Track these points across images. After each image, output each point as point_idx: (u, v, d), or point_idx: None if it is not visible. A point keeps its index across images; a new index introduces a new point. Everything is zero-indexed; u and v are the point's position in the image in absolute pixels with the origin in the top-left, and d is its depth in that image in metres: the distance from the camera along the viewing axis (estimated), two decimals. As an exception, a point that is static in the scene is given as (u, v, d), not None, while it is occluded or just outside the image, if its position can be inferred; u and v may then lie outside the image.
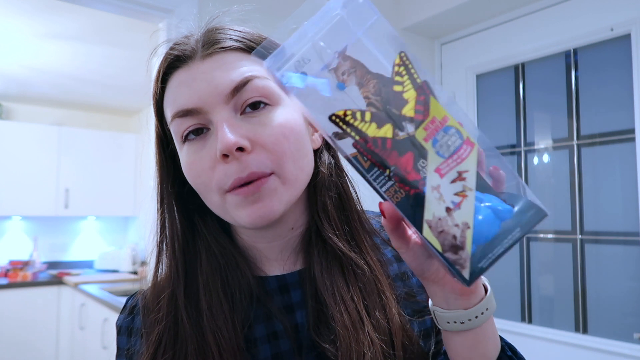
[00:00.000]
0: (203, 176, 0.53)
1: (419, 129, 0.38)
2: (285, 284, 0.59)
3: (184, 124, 0.53)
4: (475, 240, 0.39)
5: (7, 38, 3.03)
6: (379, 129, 0.38)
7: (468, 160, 0.38)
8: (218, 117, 0.52)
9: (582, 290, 1.84)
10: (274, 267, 0.60)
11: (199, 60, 0.54)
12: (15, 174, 4.08)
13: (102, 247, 4.79)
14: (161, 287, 0.59)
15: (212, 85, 0.52)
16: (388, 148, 0.39)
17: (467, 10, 2.06)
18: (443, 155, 0.38)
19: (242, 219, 0.52)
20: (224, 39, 0.55)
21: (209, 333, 0.54)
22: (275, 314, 0.56)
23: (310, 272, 0.58)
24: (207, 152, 0.52)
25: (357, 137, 0.39)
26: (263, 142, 0.51)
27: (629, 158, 1.75)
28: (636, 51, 1.71)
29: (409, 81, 0.37)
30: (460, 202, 0.38)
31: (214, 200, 0.54)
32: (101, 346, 3.22)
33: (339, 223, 0.59)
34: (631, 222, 1.73)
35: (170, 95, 0.55)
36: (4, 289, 3.79)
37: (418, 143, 0.38)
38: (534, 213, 0.39)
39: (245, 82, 0.52)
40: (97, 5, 1.93)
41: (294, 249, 0.60)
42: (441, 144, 0.38)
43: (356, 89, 0.38)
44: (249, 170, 0.50)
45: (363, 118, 0.38)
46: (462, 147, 0.38)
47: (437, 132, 0.38)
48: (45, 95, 4.35)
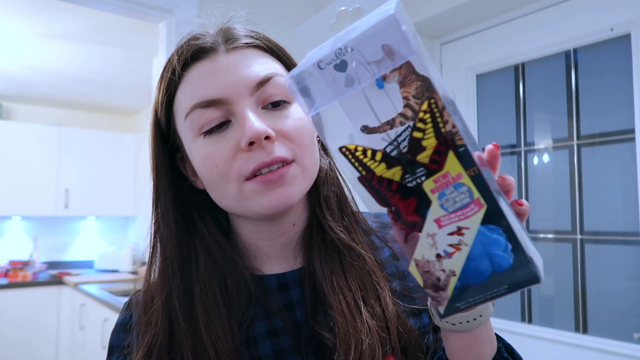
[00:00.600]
0: (221, 165, 0.53)
1: (428, 180, 0.36)
2: (285, 282, 0.59)
3: (204, 115, 0.53)
4: (461, 278, 0.38)
5: (7, 38, 3.03)
6: (387, 169, 0.37)
7: (472, 219, 0.36)
8: (243, 108, 0.53)
9: (582, 290, 1.84)
10: (273, 265, 0.61)
11: (222, 54, 0.55)
12: (15, 174, 4.08)
13: (102, 247, 4.79)
14: (155, 288, 0.58)
15: (237, 77, 0.53)
16: (392, 190, 0.38)
17: (467, 10, 2.05)
18: (447, 209, 0.37)
19: (261, 205, 0.53)
20: (245, 35, 0.57)
21: (206, 337, 0.53)
22: (275, 312, 0.57)
23: (309, 268, 0.58)
24: (227, 142, 0.53)
25: (364, 172, 0.38)
26: (285, 133, 0.53)
27: (629, 158, 1.75)
28: (636, 51, 1.71)
29: (432, 130, 0.35)
30: (452, 253, 0.38)
31: (229, 191, 0.54)
32: (101, 346, 3.22)
33: (338, 217, 0.61)
34: (631, 222, 1.73)
35: (188, 87, 0.55)
36: (4, 289, 3.79)
37: (424, 192, 0.37)
38: (527, 278, 0.37)
39: (269, 78, 0.54)
40: (97, 5, 1.94)
41: (293, 247, 0.61)
42: (448, 198, 0.36)
43: (396, 88, 0.36)
44: (274, 155, 0.52)
45: (374, 157, 0.37)
46: (469, 206, 0.36)
47: (446, 187, 0.36)
48: (45, 95, 4.35)
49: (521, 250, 0.37)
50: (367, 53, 0.36)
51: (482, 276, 0.38)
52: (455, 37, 2.29)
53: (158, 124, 0.60)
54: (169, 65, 0.57)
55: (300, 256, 0.61)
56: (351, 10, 0.40)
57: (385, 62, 0.35)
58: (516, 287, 0.38)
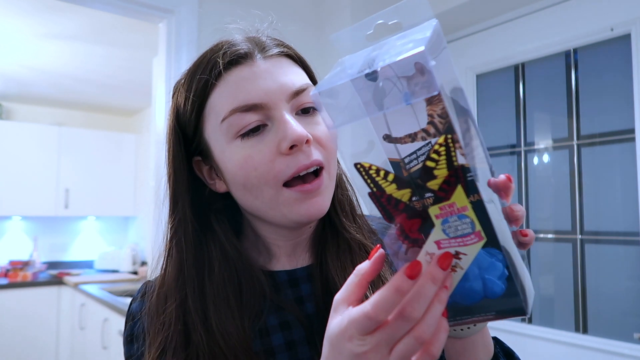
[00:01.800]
0: (261, 168, 0.54)
1: (434, 206, 0.38)
2: (295, 278, 0.61)
3: (244, 118, 0.55)
4: (452, 296, 0.40)
5: (7, 38, 3.03)
6: (397, 190, 0.39)
7: (470, 247, 0.38)
8: (281, 112, 0.55)
9: (582, 290, 1.84)
10: (283, 262, 0.63)
11: (259, 60, 0.57)
12: (15, 174, 4.08)
13: (102, 247, 4.79)
14: (169, 292, 0.58)
15: (277, 84, 0.55)
16: (400, 209, 0.39)
17: (467, 10, 2.05)
18: (448, 234, 0.38)
19: (299, 214, 0.55)
20: (276, 45, 0.59)
21: (220, 338, 0.54)
22: (286, 306, 0.59)
23: (321, 264, 0.61)
24: (265, 146, 0.54)
25: (374, 189, 0.39)
26: (319, 138, 0.56)
27: (629, 158, 1.75)
28: (636, 51, 1.71)
29: (444, 162, 0.37)
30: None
31: (265, 195, 0.55)
32: (101, 346, 3.22)
33: (351, 218, 0.64)
34: (631, 222, 1.73)
35: (227, 90, 0.56)
36: (4, 289, 3.79)
37: (429, 216, 0.38)
38: (515, 309, 0.39)
39: (304, 89, 0.57)
40: (97, 5, 1.94)
41: (304, 245, 0.63)
42: (450, 225, 0.38)
43: (423, 105, 0.37)
44: (313, 158, 0.54)
45: (386, 177, 0.39)
46: (469, 236, 0.38)
47: (450, 215, 0.38)
48: (46, 95, 4.35)
49: (515, 280, 0.39)
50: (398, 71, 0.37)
51: (473, 299, 0.40)
52: (455, 37, 2.29)
53: (178, 127, 0.60)
54: (202, 67, 0.57)
55: (309, 255, 0.63)
56: (390, 24, 0.41)
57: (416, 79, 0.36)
58: (503, 315, 0.40)
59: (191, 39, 1.89)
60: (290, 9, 2.12)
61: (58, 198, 4.28)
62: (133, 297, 0.65)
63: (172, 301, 0.57)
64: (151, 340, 0.56)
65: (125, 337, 0.62)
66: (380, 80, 0.37)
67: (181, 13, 1.89)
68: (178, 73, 1.88)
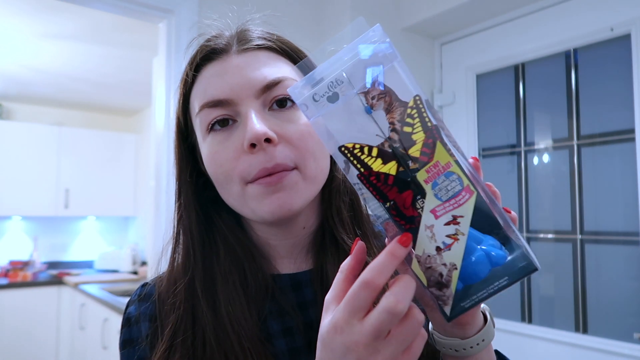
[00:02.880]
0: (226, 165, 0.54)
1: (421, 171, 0.39)
2: (298, 282, 0.60)
3: (212, 114, 0.55)
4: (462, 279, 0.40)
5: (6, 38, 3.03)
6: (383, 164, 0.39)
7: (465, 207, 0.38)
8: (247, 109, 0.54)
9: (582, 290, 1.84)
10: (285, 264, 0.62)
11: (233, 55, 0.57)
12: (15, 174, 4.08)
13: (102, 247, 4.79)
14: (178, 275, 0.59)
15: (245, 79, 0.55)
16: (389, 184, 0.40)
17: (467, 10, 2.05)
18: (441, 198, 0.39)
19: (261, 209, 0.54)
20: (258, 37, 0.58)
21: (228, 323, 0.55)
22: (289, 310, 0.58)
23: (321, 271, 0.59)
24: (232, 143, 0.54)
25: (362, 169, 0.40)
26: (289, 137, 0.54)
27: (629, 158, 1.75)
28: (636, 51, 1.71)
29: (419, 124, 0.38)
30: (451, 244, 0.39)
31: (233, 191, 0.55)
32: (101, 346, 3.22)
33: (351, 226, 0.62)
34: (631, 222, 1.73)
35: (200, 86, 0.57)
36: (4, 289, 3.79)
37: (419, 183, 0.39)
38: (525, 265, 0.39)
39: (277, 82, 0.55)
40: (97, 5, 1.94)
41: (304, 247, 0.62)
42: (440, 187, 0.39)
43: (383, 114, 0.39)
44: (275, 162, 0.52)
45: (370, 153, 0.40)
46: (460, 193, 0.38)
47: (438, 176, 0.38)
48: (45, 95, 4.35)
49: (514, 243, 0.40)
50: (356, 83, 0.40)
51: (482, 273, 0.40)
52: (455, 37, 2.29)
53: (179, 121, 0.62)
54: (186, 66, 0.60)
55: (310, 257, 0.62)
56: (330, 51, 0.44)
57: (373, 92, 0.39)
58: (516, 277, 0.39)
59: (191, 39, 1.89)
60: (290, 10, 2.12)
61: (58, 198, 4.28)
62: (129, 299, 0.64)
63: (181, 283, 0.57)
64: (163, 323, 0.57)
65: (122, 342, 0.60)
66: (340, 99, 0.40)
67: (181, 13, 1.89)
68: (178, 73, 1.88)
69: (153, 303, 0.61)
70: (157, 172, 1.91)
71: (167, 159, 1.86)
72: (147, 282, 0.64)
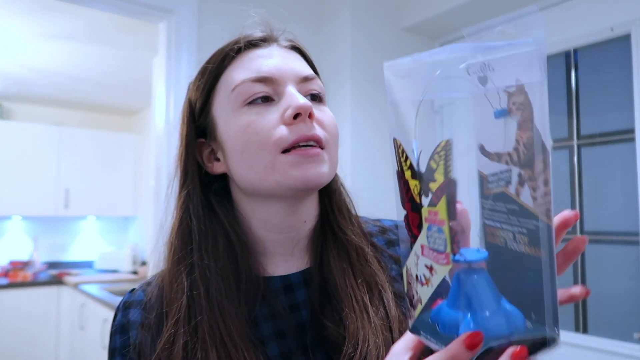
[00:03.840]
0: (262, 134, 0.55)
1: (426, 207, 0.38)
2: (289, 284, 0.60)
3: (253, 88, 0.57)
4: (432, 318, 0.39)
5: (6, 38, 3.03)
6: (412, 178, 0.39)
7: (440, 267, 0.36)
8: (289, 88, 0.57)
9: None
10: (277, 265, 0.62)
11: (279, 46, 0.62)
12: (15, 174, 4.08)
13: (102, 247, 4.79)
14: (180, 258, 0.59)
15: (289, 65, 0.59)
16: (408, 197, 0.40)
17: (467, 10, 2.05)
18: (429, 242, 0.37)
19: (293, 177, 0.55)
20: (290, 40, 0.64)
21: (219, 315, 0.55)
22: (280, 313, 0.58)
23: (321, 265, 0.60)
24: (270, 114, 0.56)
25: (398, 168, 0.40)
26: (322, 121, 0.58)
27: (629, 158, 1.75)
28: (636, 51, 1.71)
29: (442, 167, 0.36)
30: (424, 283, 0.39)
31: (260, 161, 0.56)
32: (101, 346, 3.22)
33: (347, 219, 0.64)
34: (631, 222, 1.73)
35: (242, 64, 0.60)
36: (4, 289, 3.79)
37: (422, 215, 0.38)
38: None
39: (313, 77, 0.61)
40: (97, 5, 1.94)
41: (302, 245, 0.62)
42: (431, 234, 0.37)
43: (515, 127, 0.34)
44: (315, 132, 0.56)
45: (406, 161, 0.39)
46: (441, 253, 0.36)
47: (433, 224, 0.37)
48: (45, 95, 4.35)
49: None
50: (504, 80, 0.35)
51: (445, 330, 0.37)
52: (455, 37, 2.29)
53: (191, 105, 0.63)
54: (222, 48, 0.62)
55: (306, 257, 0.62)
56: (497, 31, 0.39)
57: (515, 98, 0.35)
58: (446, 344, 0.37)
59: (191, 39, 1.89)
60: (290, 9, 2.12)
61: (58, 198, 4.28)
62: (117, 307, 0.63)
63: (183, 268, 0.58)
64: (168, 310, 0.57)
65: (110, 350, 0.60)
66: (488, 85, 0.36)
67: (181, 13, 1.89)
68: (178, 73, 1.88)
69: (142, 309, 0.60)
70: (157, 172, 1.91)
71: (167, 159, 1.86)
72: (134, 289, 0.64)
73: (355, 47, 2.10)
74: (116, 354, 0.59)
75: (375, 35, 2.17)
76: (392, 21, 2.22)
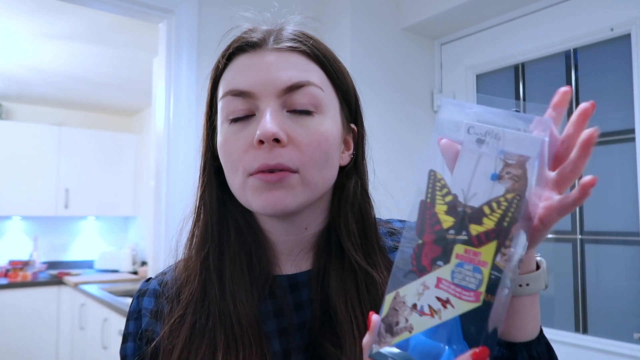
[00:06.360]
0: (234, 155, 0.56)
1: (461, 245, 0.39)
2: (295, 283, 0.62)
3: (233, 103, 0.57)
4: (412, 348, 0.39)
5: (6, 38, 3.03)
6: (444, 214, 0.40)
7: (461, 303, 0.38)
8: (265, 106, 0.55)
9: (582, 290, 1.84)
10: (284, 264, 0.63)
11: (267, 51, 0.58)
12: (15, 174, 4.08)
13: (102, 247, 4.79)
14: (196, 248, 0.62)
15: (270, 76, 0.56)
16: (434, 230, 0.40)
17: (467, 10, 2.05)
18: (453, 278, 0.38)
19: (256, 202, 0.55)
20: (292, 39, 0.59)
21: (230, 302, 0.57)
22: (285, 311, 0.59)
23: (322, 271, 0.60)
24: (244, 136, 0.56)
25: (428, 199, 0.41)
26: (298, 142, 0.55)
27: (629, 158, 1.75)
28: (636, 51, 1.71)
29: (499, 216, 0.38)
30: (425, 314, 0.39)
31: (236, 181, 0.57)
32: (101, 346, 3.22)
33: (358, 238, 0.61)
34: (631, 222, 1.73)
35: (229, 74, 0.59)
36: (4, 289, 3.79)
37: (451, 251, 0.39)
38: None
39: (300, 85, 0.56)
40: (97, 5, 1.94)
41: (304, 248, 0.63)
42: (461, 271, 0.38)
43: (502, 191, 0.39)
44: (278, 161, 0.54)
45: (444, 197, 0.40)
46: (469, 291, 0.38)
47: (467, 262, 0.38)
48: (45, 95, 4.35)
49: None
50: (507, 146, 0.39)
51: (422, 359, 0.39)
52: (455, 37, 2.29)
53: (209, 100, 0.64)
54: (224, 51, 0.62)
55: (310, 258, 0.63)
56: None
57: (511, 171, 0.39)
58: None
59: (191, 39, 1.89)
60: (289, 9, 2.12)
61: (58, 198, 4.28)
62: (133, 296, 0.66)
63: (197, 257, 0.60)
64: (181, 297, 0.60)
65: (125, 335, 0.63)
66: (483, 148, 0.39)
67: (181, 13, 1.89)
68: (178, 73, 1.88)
69: (155, 298, 0.63)
70: (157, 172, 1.91)
71: (167, 159, 1.85)
72: (150, 278, 0.67)
73: (355, 47, 2.10)
74: (129, 338, 0.63)
75: (375, 35, 2.17)
76: (392, 21, 2.22)
